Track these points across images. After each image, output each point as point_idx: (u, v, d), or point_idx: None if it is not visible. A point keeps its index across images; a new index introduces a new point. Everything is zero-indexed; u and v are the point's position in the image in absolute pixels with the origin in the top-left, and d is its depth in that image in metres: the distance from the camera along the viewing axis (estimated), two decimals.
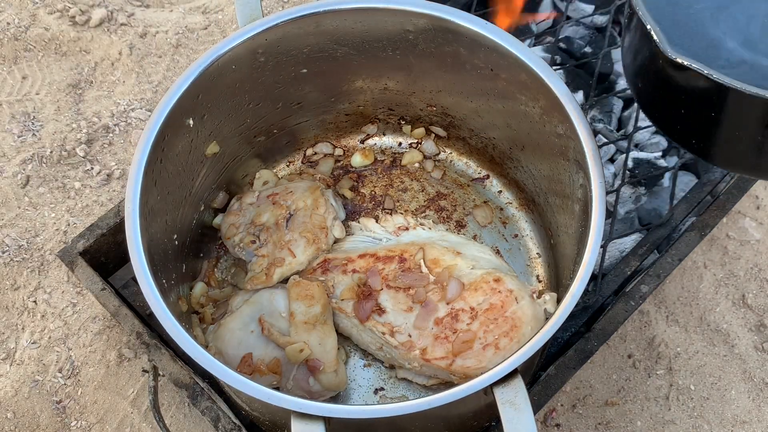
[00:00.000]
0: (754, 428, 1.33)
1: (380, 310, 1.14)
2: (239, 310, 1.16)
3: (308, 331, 1.12)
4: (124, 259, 1.31)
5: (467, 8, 1.51)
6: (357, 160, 1.38)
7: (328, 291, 1.17)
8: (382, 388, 1.19)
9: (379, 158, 1.39)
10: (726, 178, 1.45)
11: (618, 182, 1.39)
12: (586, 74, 1.56)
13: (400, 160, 1.38)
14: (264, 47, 1.15)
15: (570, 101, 1.06)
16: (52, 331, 1.41)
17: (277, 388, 1.05)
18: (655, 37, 0.88)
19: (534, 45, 1.63)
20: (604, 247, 1.38)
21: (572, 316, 1.32)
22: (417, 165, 1.38)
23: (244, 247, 1.22)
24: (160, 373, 1.17)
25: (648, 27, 0.88)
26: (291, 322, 1.12)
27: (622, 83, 1.55)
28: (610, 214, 1.43)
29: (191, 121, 1.14)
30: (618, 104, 1.55)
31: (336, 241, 1.25)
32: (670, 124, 0.97)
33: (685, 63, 0.85)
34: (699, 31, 0.91)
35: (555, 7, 1.69)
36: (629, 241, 1.41)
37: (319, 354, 1.11)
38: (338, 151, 1.39)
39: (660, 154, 1.48)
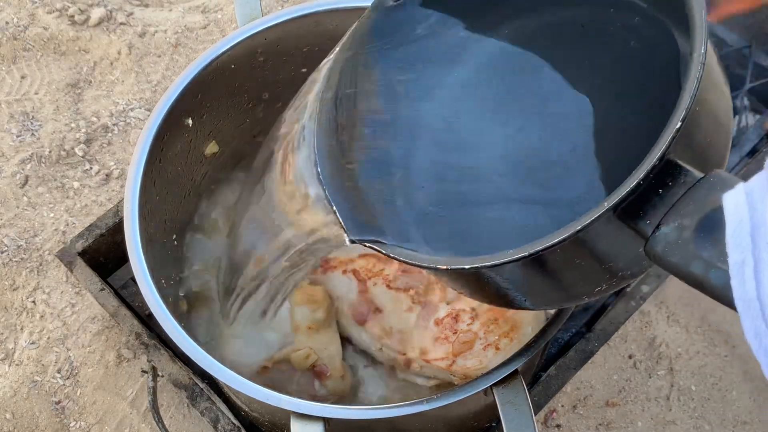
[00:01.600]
0: (756, 429, 1.33)
1: (379, 311, 1.14)
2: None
3: (312, 336, 1.11)
4: (123, 259, 1.31)
5: None
6: None
7: (330, 293, 1.16)
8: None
9: None
10: None
11: None
12: None
13: None
14: (263, 47, 1.15)
15: None
16: (51, 331, 1.40)
17: None
18: (340, 222, 0.77)
19: None
20: None
21: (573, 317, 1.32)
22: None
23: None
24: (159, 373, 1.17)
25: (334, 209, 0.78)
26: (294, 327, 1.12)
27: None
28: None
29: (190, 121, 1.13)
30: None
31: None
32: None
33: (366, 244, 0.75)
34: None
35: None
36: None
37: (325, 359, 1.11)
38: None
39: None
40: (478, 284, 0.73)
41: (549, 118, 0.80)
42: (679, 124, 0.57)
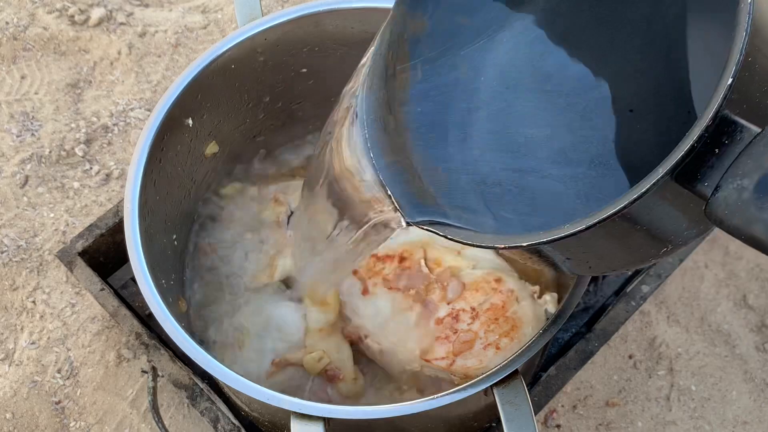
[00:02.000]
0: (756, 429, 1.33)
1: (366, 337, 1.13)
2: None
3: (324, 339, 1.12)
4: (123, 259, 1.31)
5: None
6: None
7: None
8: None
9: None
10: None
11: None
12: None
13: None
14: (263, 47, 1.15)
15: None
16: (51, 331, 1.40)
17: None
18: (396, 204, 0.77)
19: None
20: None
21: (573, 317, 1.32)
22: None
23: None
24: (159, 373, 1.17)
25: (389, 192, 0.78)
26: (305, 330, 1.12)
27: None
28: None
29: (190, 121, 1.13)
30: None
31: None
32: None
33: (423, 226, 0.75)
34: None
35: None
36: None
37: (337, 362, 1.11)
38: None
39: None
40: (542, 257, 0.72)
41: (596, 85, 0.78)
42: (731, 80, 0.55)
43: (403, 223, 0.76)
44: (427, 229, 0.74)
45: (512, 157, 0.81)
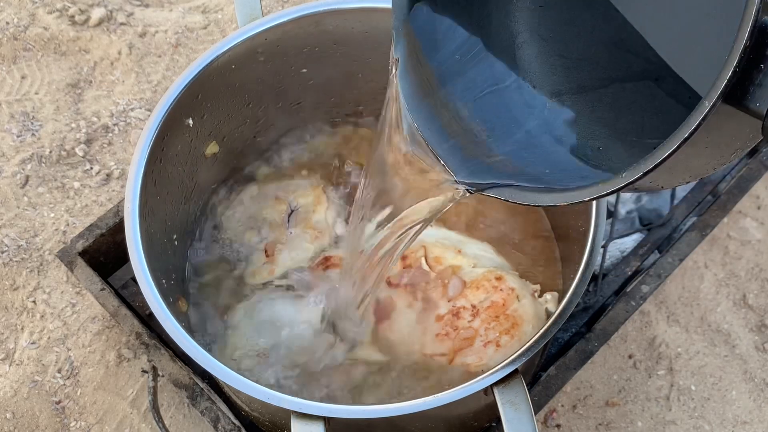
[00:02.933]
0: (755, 428, 1.33)
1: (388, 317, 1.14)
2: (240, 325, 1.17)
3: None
4: (123, 259, 1.31)
5: None
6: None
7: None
8: None
9: None
10: (726, 178, 1.45)
11: None
12: None
13: None
14: (263, 47, 1.15)
15: None
16: (52, 331, 1.40)
17: None
18: (445, 167, 0.75)
19: None
20: (604, 247, 1.38)
21: (573, 317, 1.32)
22: None
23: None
24: (160, 373, 1.17)
25: (441, 161, 0.76)
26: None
27: None
28: (610, 214, 1.43)
29: (191, 121, 1.14)
30: None
31: (338, 238, 1.25)
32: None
33: (468, 185, 0.73)
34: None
35: None
36: (630, 241, 1.40)
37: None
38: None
39: None
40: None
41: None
42: None
43: (455, 183, 0.73)
44: (475, 190, 0.72)
45: (563, 83, 0.79)
